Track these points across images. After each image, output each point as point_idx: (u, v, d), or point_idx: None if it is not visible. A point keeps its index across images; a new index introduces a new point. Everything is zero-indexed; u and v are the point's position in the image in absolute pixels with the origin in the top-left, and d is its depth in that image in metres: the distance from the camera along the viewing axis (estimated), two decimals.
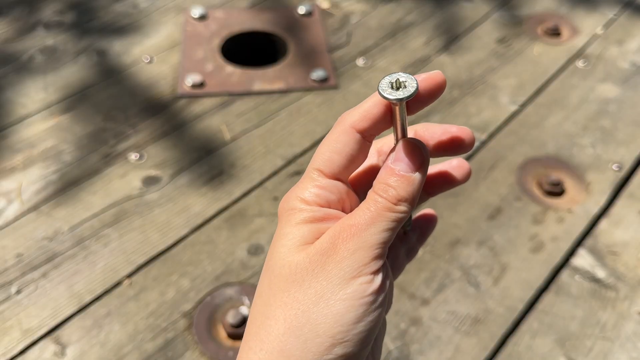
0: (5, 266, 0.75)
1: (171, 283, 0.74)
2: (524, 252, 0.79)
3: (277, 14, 1.19)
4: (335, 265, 0.23)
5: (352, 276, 0.23)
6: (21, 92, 1.00)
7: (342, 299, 0.22)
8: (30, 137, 0.92)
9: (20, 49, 1.08)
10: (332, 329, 0.22)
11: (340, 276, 0.23)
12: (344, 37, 1.14)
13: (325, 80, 1.04)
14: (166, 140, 0.93)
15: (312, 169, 0.26)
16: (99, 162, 0.89)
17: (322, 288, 0.22)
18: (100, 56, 1.07)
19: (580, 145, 0.95)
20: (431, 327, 0.71)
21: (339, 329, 0.22)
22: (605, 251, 0.80)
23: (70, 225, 0.80)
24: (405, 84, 0.23)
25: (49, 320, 0.70)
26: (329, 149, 0.25)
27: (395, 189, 0.24)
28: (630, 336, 0.71)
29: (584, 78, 1.08)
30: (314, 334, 0.22)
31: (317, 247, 0.23)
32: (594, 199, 0.87)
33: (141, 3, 1.20)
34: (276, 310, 0.23)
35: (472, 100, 1.02)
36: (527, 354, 0.69)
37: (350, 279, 0.23)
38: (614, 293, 0.75)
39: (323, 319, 0.22)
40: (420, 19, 1.20)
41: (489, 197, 0.86)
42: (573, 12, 1.24)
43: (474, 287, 0.75)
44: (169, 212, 0.82)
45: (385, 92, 0.23)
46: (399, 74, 0.23)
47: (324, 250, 0.23)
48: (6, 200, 0.83)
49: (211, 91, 1.01)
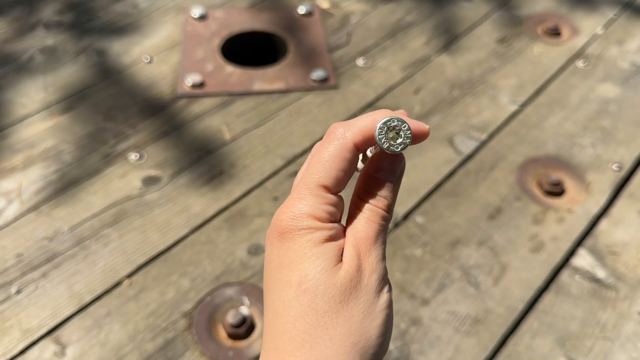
0: (5, 266, 0.75)
1: (171, 283, 0.74)
2: (524, 252, 0.79)
3: (277, 14, 1.19)
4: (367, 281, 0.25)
5: (380, 288, 0.26)
6: (21, 92, 1.00)
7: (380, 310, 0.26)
8: (30, 137, 0.92)
9: (20, 49, 1.08)
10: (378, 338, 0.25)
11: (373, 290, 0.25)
12: (344, 37, 1.14)
13: (325, 80, 1.04)
14: (166, 140, 0.93)
15: (318, 186, 0.26)
16: (98, 162, 0.89)
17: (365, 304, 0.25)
18: (100, 56, 1.07)
19: (581, 145, 0.95)
20: (431, 327, 0.71)
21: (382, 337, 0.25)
22: (605, 251, 0.80)
23: (70, 225, 0.80)
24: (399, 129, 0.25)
25: (49, 320, 0.70)
26: (336, 166, 0.26)
27: (386, 198, 0.26)
28: (630, 336, 0.71)
29: (584, 78, 1.08)
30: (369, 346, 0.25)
31: (351, 266, 0.25)
32: (594, 199, 0.87)
33: (141, 3, 1.20)
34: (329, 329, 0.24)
35: (472, 100, 1.02)
36: (527, 354, 0.69)
37: (379, 291, 0.26)
38: (614, 293, 0.75)
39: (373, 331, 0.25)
40: (420, 19, 1.20)
41: (489, 197, 0.86)
42: (573, 12, 1.24)
43: (474, 287, 0.75)
44: (168, 212, 0.82)
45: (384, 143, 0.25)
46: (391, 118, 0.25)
47: (357, 268, 0.25)
48: (6, 200, 0.83)
49: (211, 91, 1.01)
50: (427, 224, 0.82)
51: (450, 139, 0.95)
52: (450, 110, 1.00)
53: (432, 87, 1.04)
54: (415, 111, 1.00)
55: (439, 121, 0.98)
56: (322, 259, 0.25)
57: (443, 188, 0.87)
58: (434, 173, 0.89)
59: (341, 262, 0.26)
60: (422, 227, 0.82)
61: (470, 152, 0.93)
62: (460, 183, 0.88)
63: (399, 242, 0.80)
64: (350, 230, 0.26)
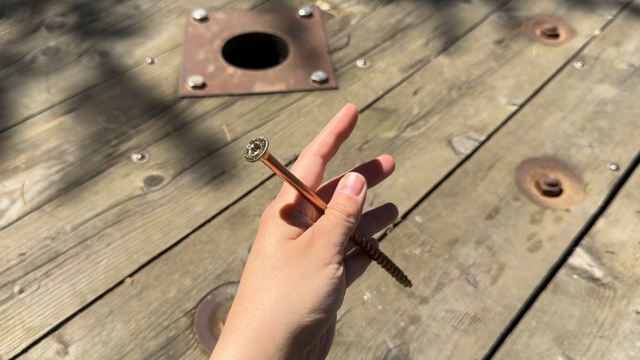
0: (8, 265, 0.76)
1: (173, 282, 0.75)
2: (522, 251, 0.80)
3: (278, 15, 1.20)
4: (313, 255, 0.31)
5: (325, 263, 0.31)
6: (24, 93, 1.00)
7: (319, 278, 0.31)
8: (33, 138, 0.93)
9: (23, 50, 1.09)
10: (311, 298, 0.30)
11: (317, 262, 0.31)
12: (344, 39, 1.15)
13: (326, 81, 1.04)
14: (168, 140, 0.93)
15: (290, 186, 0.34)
16: (101, 162, 0.89)
17: (305, 270, 0.31)
18: (102, 57, 1.08)
19: (578, 146, 0.96)
20: (430, 325, 0.72)
21: (316, 298, 0.30)
22: (603, 250, 0.81)
23: (72, 224, 0.81)
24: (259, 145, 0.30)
25: (51, 319, 0.71)
26: (304, 170, 0.34)
27: (346, 207, 0.33)
28: (628, 335, 0.71)
29: (582, 79, 1.09)
30: (299, 301, 0.30)
31: (302, 240, 0.32)
32: (591, 198, 0.87)
33: (143, 5, 1.21)
34: (270, 282, 0.31)
35: (470, 101, 1.03)
36: (525, 353, 0.70)
37: (324, 265, 0.31)
38: (611, 292, 0.76)
39: (306, 291, 0.30)
40: (419, 21, 1.20)
41: (487, 197, 0.87)
42: (571, 13, 1.25)
43: (473, 286, 0.76)
44: (170, 212, 0.83)
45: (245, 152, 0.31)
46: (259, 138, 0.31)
47: (306, 243, 0.32)
48: (9, 200, 0.83)
49: (212, 92, 1.01)
50: (425, 224, 0.83)
51: (449, 139, 0.96)
52: (448, 111, 1.01)
53: (431, 88, 1.05)
54: (414, 112, 1.00)
55: (438, 122, 0.99)
56: (278, 233, 0.33)
57: (442, 188, 0.88)
58: (432, 173, 0.90)
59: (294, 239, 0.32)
60: (421, 227, 0.83)
61: (468, 152, 0.94)
62: (459, 183, 0.89)
63: (398, 242, 0.80)
64: (317, 222, 0.33)
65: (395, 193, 0.87)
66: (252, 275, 0.32)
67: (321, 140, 0.36)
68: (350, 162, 0.91)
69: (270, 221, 0.34)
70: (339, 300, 0.32)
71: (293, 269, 0.31)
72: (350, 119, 0.36)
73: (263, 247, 0.32)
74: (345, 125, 0.36)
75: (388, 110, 1.00)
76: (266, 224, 0.34)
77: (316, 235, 0.32)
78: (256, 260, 0.32)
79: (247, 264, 0.33)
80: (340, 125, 0.36)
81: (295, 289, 0.30)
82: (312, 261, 0.31)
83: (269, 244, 0.32)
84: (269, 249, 0.32)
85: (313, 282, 0.31)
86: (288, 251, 0.32)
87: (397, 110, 1.01)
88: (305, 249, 0.32)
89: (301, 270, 0.31)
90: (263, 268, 0.32)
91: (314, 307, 0.30)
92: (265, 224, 0.34)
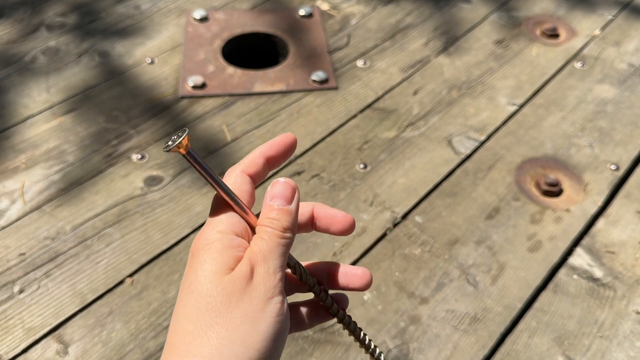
0: (8, 265, 0.76)
1: (173, 282, 0.75)
2: (522, 251, 0.80)
3: (278, 15, 1.20)
4: (254, 290, 0.28)
5: (267, 298, 0.28)
6: (24, 93, 1.00)
7: (264, 318, 0.27)
8: (33, 138, 0.93)
9: (23, 50, 1.09)
10: (257, 343, 0.27)
11: (259, 298, 0.27)
12: (344, 39, 1.15)
13: (326, 81, 1.04)
14: (168, 140, 0.93)
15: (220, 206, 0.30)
16: (101, 162, 0.89)
17: (247, 310, 0.27)
18: (102, 57, 1.08)
19: (578, 146, 0.96)
20: (430, 325, 0.72)
21: (262, 343, 0.27)
22: (603, 251, 0.81)
23: (72, 224, 0.81)
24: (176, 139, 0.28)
25: (51, 319, 0.71)
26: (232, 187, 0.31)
27: (279, 220, 0.29)
28: (628, 335, 0.71)
29: (582, 79, 1.09)
30: (244, 349, 0.26)
31: (239, 273, 0.28)
32: (591, 198, 0.87)
33: (143, 5, 1.21)
34: (208, 329, 0.26)
35: (470, 101, 1.03)
36: (526, 353, 0.70)
37: (267, 300, 0.28)
38: (611, 292, 0.76)
39: (250, 335, 0.27)
40: (419, 21, 1.20)
41: (487, 197, 0.87)
42: (571, 13, 1.25)
43: (473, 286, 0.76)
44: (170, 212, 0.83)
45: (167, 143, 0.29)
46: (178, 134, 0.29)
47: (245, 276, 0.28)
48: (9, 200, 0.83)
49: (212, 92, 1.01)
50: (426, 224, 0.83)
51: (449, 139, 0.96)
52: (448, 111, 1.01)
53: (430, 88, 1.05)
54: (414, 112, 1.00)
55: (438, 122, 0.99)
56: (213, 264, 0.28)
57: (442, 188, 0.88)
58: (432, 173, 0.90)
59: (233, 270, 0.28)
60: (421, 227, 0.83)
61: (468, 152, 0.94)
62: (459, 183, 0.89)
63: (398, 242, 0.80)
64: (248, 249, 0.29)
65: (395, 193, 0.87)
66: (185, 319, 0.27)
67: (250, 159, 0.32)
68: (351, 162, 0.91)
69: (202, 251, 0.29)
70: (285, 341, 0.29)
71: (233, 309, 0.27)
72: (284, 146, 0.32)
73: (197, 284, 0.28)
74: (277, 151, 0.32)
75: (388, 110, 1.00)
76: (198, 255, 0.29)
77: (253, 263, 0.28)
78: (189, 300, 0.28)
79: (178, 303, 0.28)
80: (272, 149, 0.32)
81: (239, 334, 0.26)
82: (253, 298, 0.27)
83: (203, 279, 0.28)
84: (204, 285, 0.27)
85: (258, 325, 0.27)
86: (225, 288, 0.27)
87: (397, 110, 1.01)
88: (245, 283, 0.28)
89: (243, 311, 0.27)
90: (198, 310, 0.27)
91: (260, 353, 0.27)
92: (197, 254, 0.29)
